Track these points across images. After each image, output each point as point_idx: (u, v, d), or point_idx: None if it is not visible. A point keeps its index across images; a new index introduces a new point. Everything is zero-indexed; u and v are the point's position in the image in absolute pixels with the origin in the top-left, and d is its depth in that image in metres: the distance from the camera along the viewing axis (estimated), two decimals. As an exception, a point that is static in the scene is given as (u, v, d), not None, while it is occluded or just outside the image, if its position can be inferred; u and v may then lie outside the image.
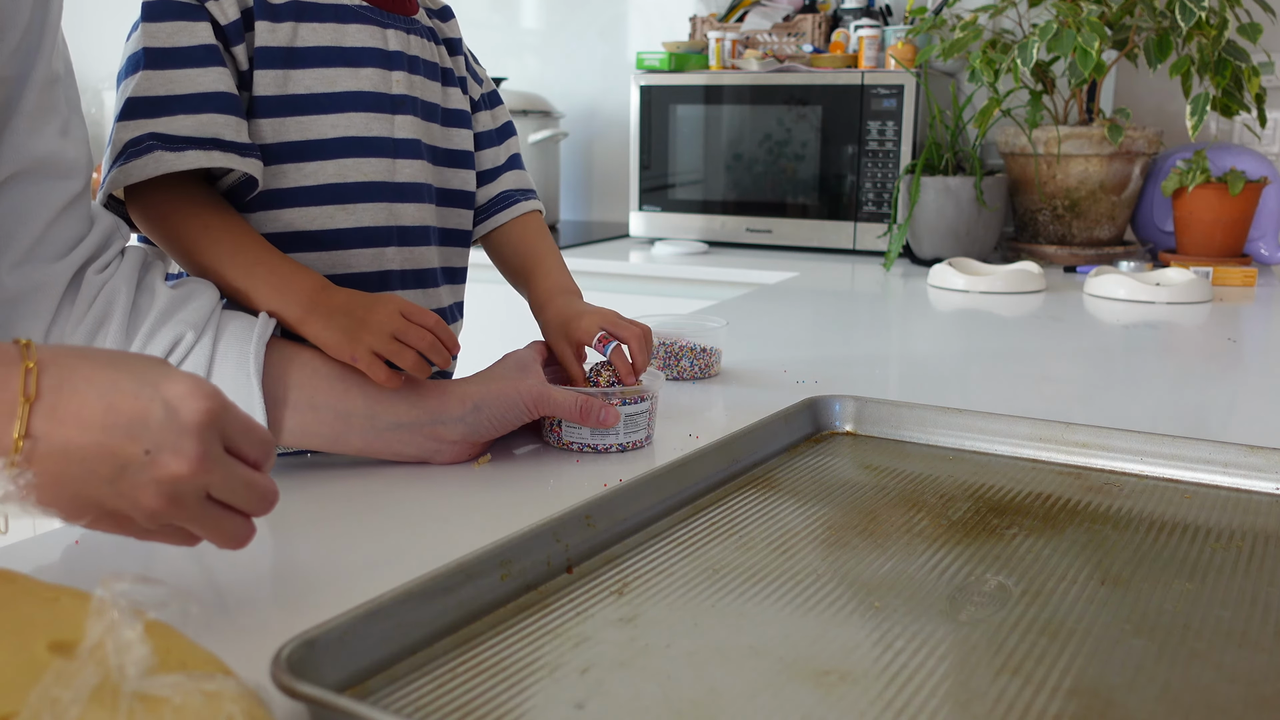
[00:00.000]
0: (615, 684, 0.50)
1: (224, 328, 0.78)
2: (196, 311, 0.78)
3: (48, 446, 0.47)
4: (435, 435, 0.80)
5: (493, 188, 1.07)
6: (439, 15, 1.03)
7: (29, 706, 0.35)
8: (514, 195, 1.08)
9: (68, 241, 0.76)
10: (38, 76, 0.73)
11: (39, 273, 0.74)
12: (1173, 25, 1.77)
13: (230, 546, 0.53)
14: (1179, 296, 1.63)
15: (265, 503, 0.54)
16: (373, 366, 0.77)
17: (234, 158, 0.83)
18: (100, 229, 0.78)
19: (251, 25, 0.87)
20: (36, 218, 0.74)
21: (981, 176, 1.92)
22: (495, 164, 1.08)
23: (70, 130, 0.76)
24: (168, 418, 0.49)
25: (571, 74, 2.78)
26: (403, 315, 0.79)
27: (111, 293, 0.76)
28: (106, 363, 0.50)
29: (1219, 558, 0.65)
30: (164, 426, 0.48)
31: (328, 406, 0.78)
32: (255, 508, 0.53)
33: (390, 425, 0.79)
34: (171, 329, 0.76)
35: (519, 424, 0.83)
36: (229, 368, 0.76)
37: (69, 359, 0.49)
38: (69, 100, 0.76)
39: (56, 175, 0.75)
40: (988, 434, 0.87)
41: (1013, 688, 0.50)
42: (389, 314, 0.79)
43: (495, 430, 0.82)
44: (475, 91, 1.06)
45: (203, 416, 0.49)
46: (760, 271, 1.99)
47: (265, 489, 0.53)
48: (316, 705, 0.43)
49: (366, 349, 0.77)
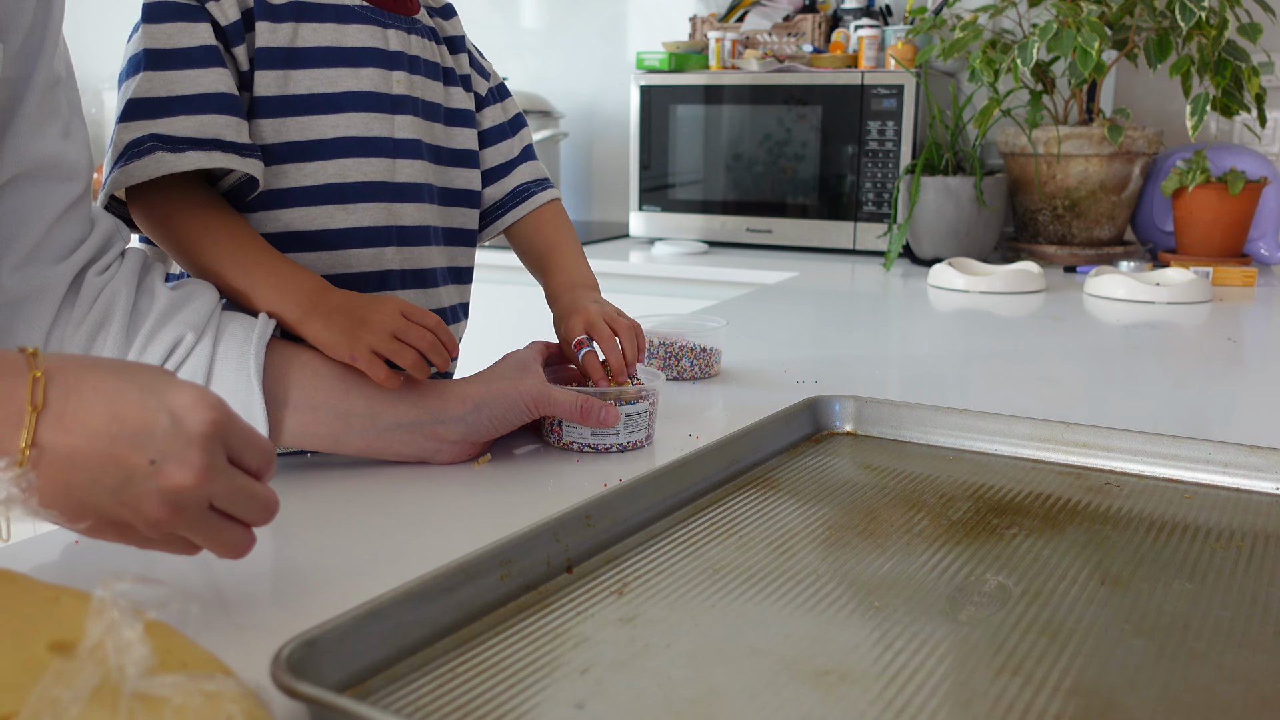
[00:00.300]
0: (615, 684, 0.50)
1: (224, 329, 0.78)
2: (196, 313, 0.77)
3: (54, 455, 0.47)
4: (435, 435, 0.80)
5: (508, 181, 1.07)
6: (441, 13, 1.03)
7: (29, 706, 0.35)
8: (530, 188, 1.08)
9: (69, 244, 0.76)
10: (39, 79, 0.73)
11: (40, 275, 0.74)
12: (1173, 25, 1.77)
13: (231, 556, 0.53)
14: (1179, 296, 1.63)
15: (266, 512, 0.54)
16: (372, 365, 0.77)
17: (235, 158, 0.83)
18: (101, 231, 0.78)
19: (252, 26, 0.87)
20: (38, 220, 0.74)
21: (981, 176, 1.92)
22: (509, 157, 1.07)
23: (71, 132, 0.76)
24: (173, 428, 0.49)
25: (571, 74, 2.78)
26: (403, 315, 0.79)
27: (112, 295, 0.76)
28: (112, 372, 0.50)
29: (1219, 558, 0.65)
30: (169, 436, 0.49)
31: (328, 406, 0.78)
32: (256, 518, 0.54)
33: (390, 425, 0.79)
34: (171, 330, 0.76)
35: (519, 424, 0.83)
36: (229, 369, 0.76)
37: (76, 368, 0.49)
38: (70, 102, 0.76)
39: (58, 177, 0.75)
40: (988, 434, 0.87)
41: (1013, 688, 0.50)
42: (389, 313, 0.79)
43: (495, 430, 0.82)
44: (481, 87, 1.06)
45: (208, 427, 0.50)
46: (760, 271, 1.99)
47: (266, 499, 0.54)
48: (316, 705, 0.43)
49: (366, 348, 0.77)
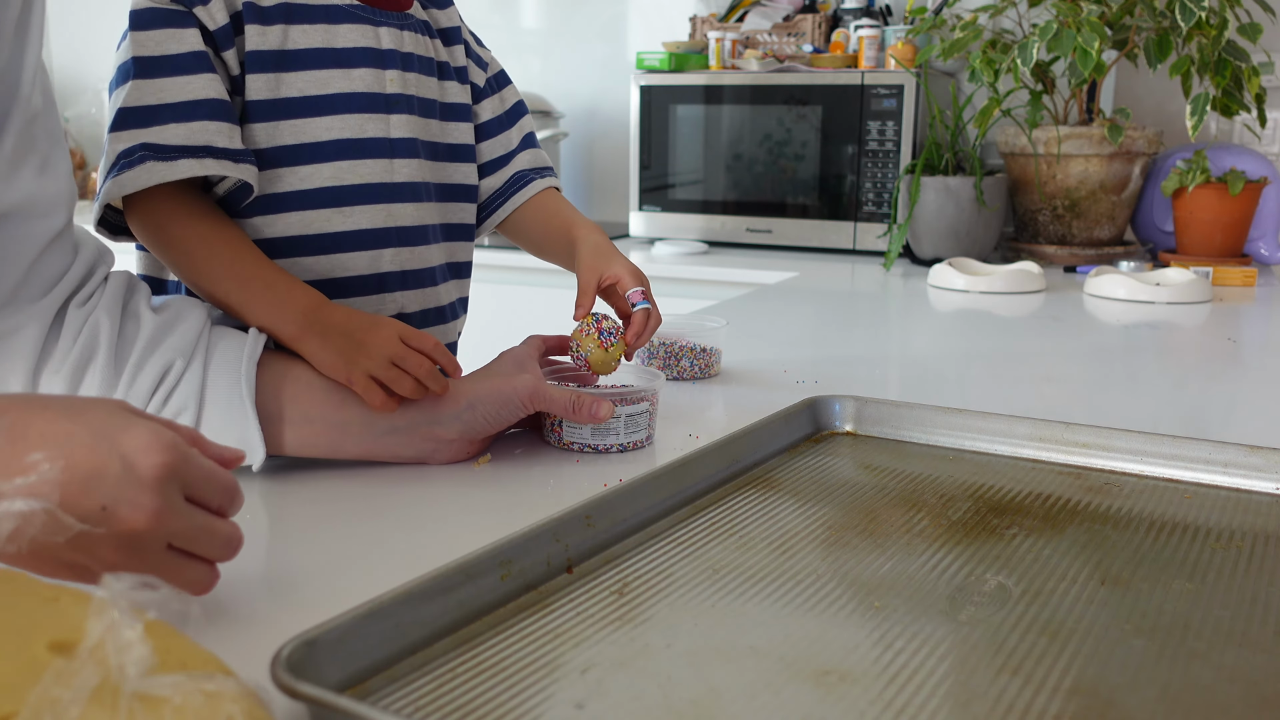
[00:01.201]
0: (615, 684, 0.50)
1: (213, 351, 0.77)
2: (183, 337, 0.76)
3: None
4: (432, 435, 0.80)
5: (506, 170, 1.06)
6: (436, 3, 1.01)
7: (29, 706, 0.35)
8: (528, 175, 1.06)
9: (50, 278, 0.74)
10: (15, 121, 0.69)
11: (21, 313, 0.72)
12: (1173, 25, 1.77)
13: (193, 593, 0.53)
14: (1179, 296, 1.63)
15: (229, 548, 0.54)
16: (369, 391, 0.77)
17: (227, 164, 0.83)
18: (84, 258, 0.76)
19: (241, 29, 0.86)
20: (19, 259, 0.71)
21: (981, 176, 1.92)
22: (508, 149, 1.06)
23: (50, 165, 0.73)
24: (124, 472, 0.48)
25: (571, 74, 2.78)
26: (402, 339, 0.78)
27: (95, 326, 0.74)
28: (63, 413, 0.49)
29: (1219, 558, 0.65)
30: (120, 481, 0.48)
31: (323, 419, 0.78)
32: (217, 554, 0.54)
33: (386, 430, 0.79)
34: (160, 358, 0.75)
35: (515, 420, 0.82)
36: (221, 393, 0.75)
37: (24, 412, 0.49)
38: (49, 133, 0.73)
39: (36, 215, 0.72)
40: (988, 434, 0.87)
41: (1013, 688, 0.50)
42: (387, 338, 0.77)
43: (491, 426, 0.81)
44: (479, 78, 1.04)
45: (160, 471, 0.49)
46: (760, 271, 1.99)
47: (228, 535, 0.54)
48: (316, 705, 0.43)
49: (363, 373, 0.76)
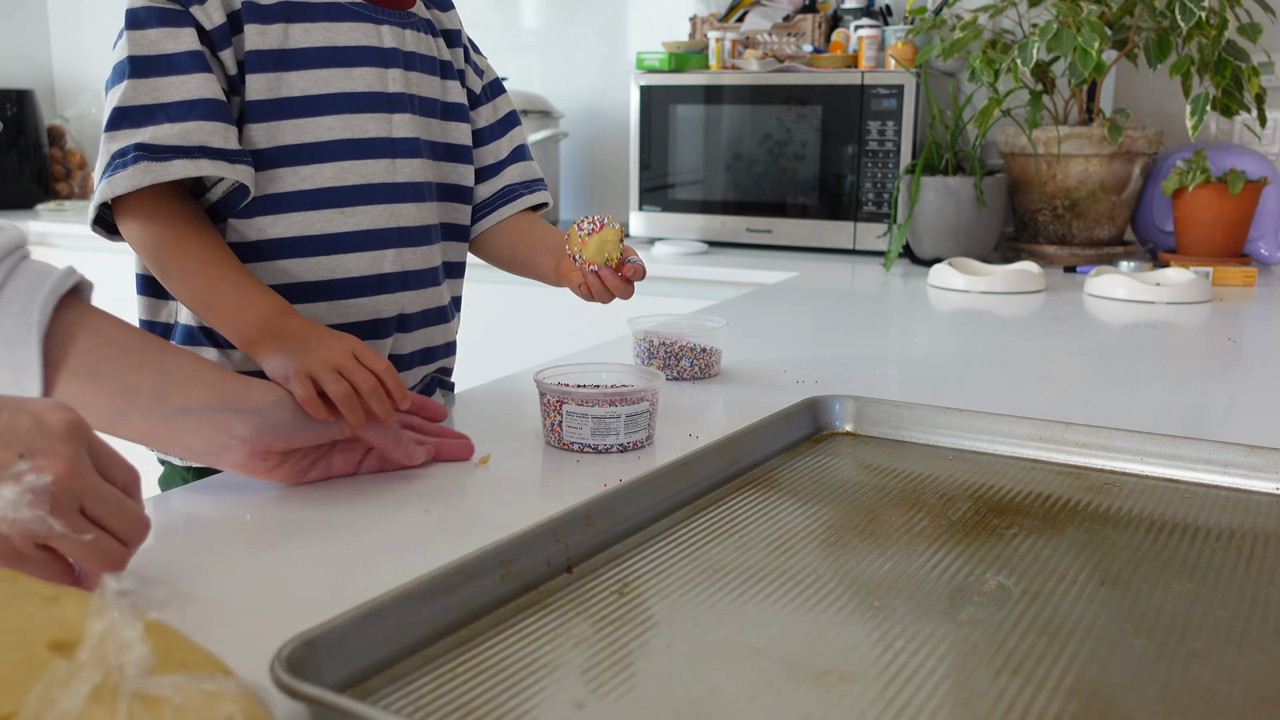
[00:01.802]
0: (615, 684, 0.50)
1: (16, 272, 0.68)
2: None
3: None
4: (224, 427, 0.71)
5: (496, 182, 1.05)
6: (438, 5, 1.01)
7: (29, 706, 0.35)
8: (517, 190, 1.05)
9: None
10: None
11: None
12: (1173, 25, 1.77)
13: (106, 567, 0.53)
14: (1179, 296, 1.63)
15: (139, 527, 0.55)
16: (304, 384, 0.73)
17: (223, 165, 0.82)
18: None
19: (240, 28, 0.85)
20: None
21: (981, 176, 1.92)
22: (497, 158, 1.05)
23: None
24: (35, 425, 0.51)
25: (571, 74, 2.78)
26: (354, 354, 0.76)
27: None
28: None
29: (1219, 558, 0.65)
30: (33, 433, 0.50)
31: (113, 379, 0.69)
32: (129, 531, 0.54)
33: (178, 409, 0.70)
34: None
35: (319, 439, 0.75)
36: (8, 317, 0.66)
37: None
38: None
39: None
40: (988, 434, 0.87)
41: (1013, 688, 0.50)
42: (340, 350, 0.76)
43: (297, 437, 0.73)
44: (476, 85, 1.04)
45: (67, 425, 0.52)
46: (760, 271, 1.99)
47: (138, 514, 0.54)
48: (316, 705, 0.43)
49: (303, 369, 0.74)
